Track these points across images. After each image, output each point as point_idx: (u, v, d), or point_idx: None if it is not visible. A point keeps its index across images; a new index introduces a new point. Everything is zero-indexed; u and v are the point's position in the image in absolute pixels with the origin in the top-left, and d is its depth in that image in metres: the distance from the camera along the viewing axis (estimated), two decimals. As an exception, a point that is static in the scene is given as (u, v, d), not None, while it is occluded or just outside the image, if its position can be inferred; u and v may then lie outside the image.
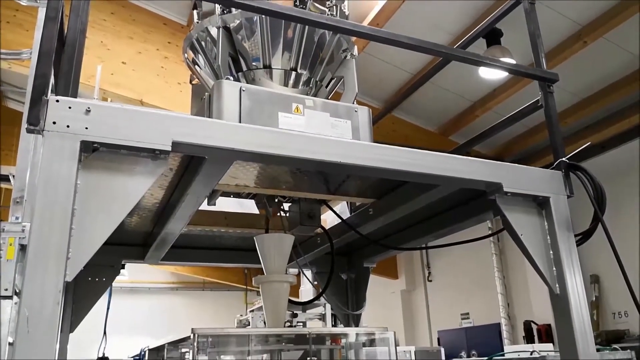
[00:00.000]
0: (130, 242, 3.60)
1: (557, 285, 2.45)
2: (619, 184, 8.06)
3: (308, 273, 4.10)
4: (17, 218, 2.53)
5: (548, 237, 2.53)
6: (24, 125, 1.89)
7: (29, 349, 1.50)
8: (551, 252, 2.50)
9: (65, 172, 1.68)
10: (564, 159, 2.67)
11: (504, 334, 10.25)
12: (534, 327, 9.22)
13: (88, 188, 1.73)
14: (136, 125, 1.83)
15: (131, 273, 14.60)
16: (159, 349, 3.36)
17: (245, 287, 15.39)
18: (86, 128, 1.74)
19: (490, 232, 10.98)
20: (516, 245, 2.57)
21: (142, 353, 3.59)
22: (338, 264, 4.10)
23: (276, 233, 3.01)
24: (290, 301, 3.04)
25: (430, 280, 13.23)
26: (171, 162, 2.32)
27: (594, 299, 8.80)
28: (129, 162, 1.82)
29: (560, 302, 2.44)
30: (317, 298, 3.77)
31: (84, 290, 3.35)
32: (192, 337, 2.33)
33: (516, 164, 2.62)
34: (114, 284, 4.06)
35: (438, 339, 11.97)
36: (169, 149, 1.85)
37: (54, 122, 1.71)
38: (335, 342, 2.94)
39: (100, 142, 1.76)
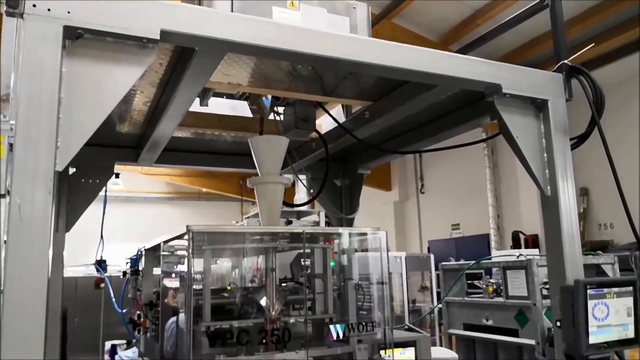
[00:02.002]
0: (122, 144, 3.57)
1: (548, 187, 2.46)
2: (618, 97, 8.00)
3: (303, 180, 4.11)
4: (4, 116, 2.48)
5: (544, 140, 2.51)
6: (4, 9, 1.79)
7: (22, 238, 1.51)
8: (545, 155, 2.50)
9: (49, 59, 1.61)
10: (566, 61, 2.60)
11: (493, 244, 10.60)
12: (522, 237, 9.50)
13: (74, 76, 1.67)
14: (122, 11, 1.74)
15: (126, 182, 14.74)
16: (155, 249, 3.43)
17: (241, 197, 15.63)
18: (68, 12, 1.65)
19: (485, 145, 11.04)
20: (511, 148, 2.56)
21: (139, 253, 3.67)
22: (332, 170, 4.12)
23: (271, 135, 2.98)
24: (284, 203, 3.07)
25: (423, 192, 13.46)
26: (161, 56, 2.24)
27: (582, 210, 9.02)
28: (115, 50, 1.74)
29: (550, 203, 2.47)
30: (311, 200, 3.81)
31: (78, 191, 3.36)
32: (187, 234, 2.36)
33: (516, 65, 2.55)
34: (109, 193, 4.09)
35: (428, 248, 12.37)
36: (158, 37, 1.77)
37: (34, 5, 1.61)
38: (329, 242, 3.00)
39: (84, 28, 1.68)
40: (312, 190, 4.19)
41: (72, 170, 3.41)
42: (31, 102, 1.58)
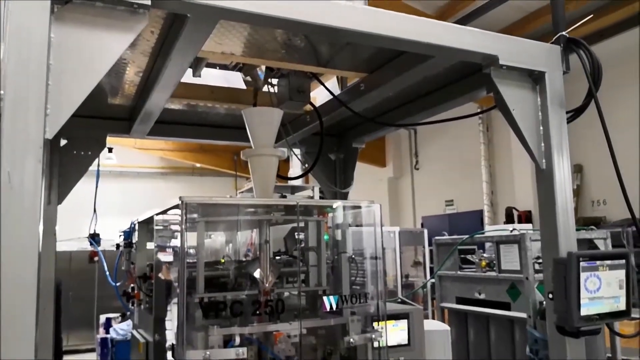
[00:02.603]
0: (114, 116, 3.53)
1: (543, 160, 2.45)
2: (615, 74, 7.97)
3: (297, 154, 4.09)
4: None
5: (540, 113, 2.49)
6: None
7: (12, 207, 1.49)
8: (541, 128, 2.48)
9: (38, 24, 1.58)
10: (564, 33, 2.57)
11: (486, 220, 10.66)
12: (515, 213, 9.56)
13: (63, 42, 1.63)
14: (112, -25, 1.69)
15: (120, 157, 14.65)
16: (149, 221, 3.41)
17: (235, 173, 15.59)
18: (56, -25, 1.60)
19: (480, 121, 11.01)
20: (507, 122, 2.54)
21: (132, 226, 3.65)
22: (327, 144, 4.09)
23: (265, 107, 2.94)
24: (278, 176, 3.05)
25: (417, 168, 13.47)
26: (153, 24, 2.19)
27: (575, 187, 9.06)
28: (105, 16, 1.70)
29: (545, 177, 2.46)
30: (306, 174, 3.80)
31: (69, 163, 3.34)
32: (180, 205, 2.34)
33: (514, 36, 2.51)
34: (102, 167, 4.05)
35: (422, 224, 12.43)
36: (149, 2, 1.72)
37: (20, -33, 1.56)
38: (323, 215, 2.99)
39: (73, -8, 1.63)
40: (306, 165, 4.17)
41: (63, 142, 3.38)
42: (19, 69, 1.55)
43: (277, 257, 3.04)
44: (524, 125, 2.45)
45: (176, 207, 2.43)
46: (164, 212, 2.75)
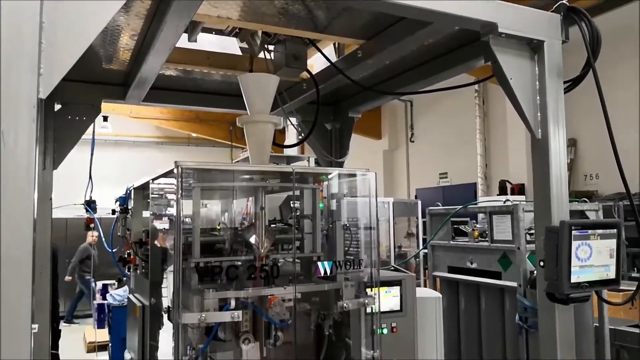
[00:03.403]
0: (110, 82, 3.50)
1: (539, 130, 2.46)
2: (612, 51, 7.92)
3: (294, 122, 4.07)
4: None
5: (537, 83, 2.48)
6: None
7: (7, 167, 1.48)
8: (538, 97, 2.47)
9: (30, -19, 1.54)
10: (564, 1, 2.54)
11: (479, 193, 10.72)
12: (509, 186, 9.60)
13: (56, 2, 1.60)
14: None
15: (115, 126, 14.56)
16: (144, 187, 3.42)
17: (230, 143, 15.53)
18: None
19: (476, 94, 10.97)
20: (504, 91, 2.53)
21: (128, 192, 3.66)
22: (323, 113, 4.08)
23: (261, 73, 2.92)
24: (274, 144, 3.05)
25: (413, 141, 13.46)
26: (147, -15, 2.15)
27: (569, 161, 9.09)
28: (99, -27, 1.67)
29: (540, 147, 2.47)
30: (302, 142, 3.79)
31: (64, 128, 3.32)
32: (175, 170, 2.34)
33: (514, 4, 2.48)
34: (97, 136, 4.03)
35: (415, 196, 12.48)
36: (143, -39, 1.69)
37: None
38: (318, 183, 3.01)
39: (66, -51, 1.59)
40: (302, 135, 4.16)
41: (57, 107, 3.36)
42: (12, 27, 1.52)
43: (273, 226, 3.06)
44: (521, 94, 2.44)
45: (171, 172, 2.43)
46: (160, 177, 2.75)
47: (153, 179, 2.91)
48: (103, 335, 7.68)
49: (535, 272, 3.47)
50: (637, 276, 7.78)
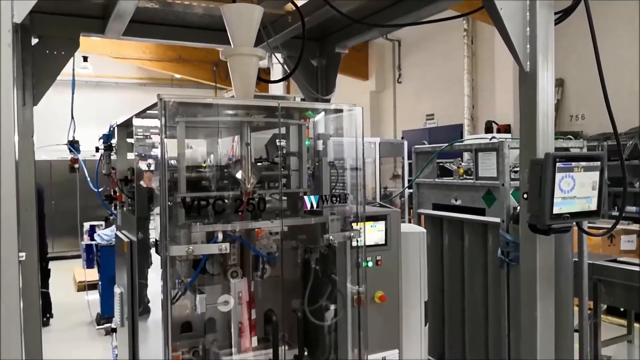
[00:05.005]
0: (88, 14, 3.38)
1: (528, 63, 2.43)
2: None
3: (279, 58, 3.98)
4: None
5: (527, 14, 2.44)
6: None
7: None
8: (528, 29, 2.44)
9: None
10: None
11: (465, 134, 10.75)
12: (495, 126, 9.63)
13: None
14: None
15: (96, 67, 14.18)
16: (128, 124, 3.36)
17: (214, 84, 15.26)
18: None
19: (465, 34, 10.80)
20: (493, 23, 2.49)
21: (111, 129, 3.59)
22: (309, 49, 3.99)
23: (244, 3, 2.82)
24: (259, 78, 2.99)
25: (400, 82, 13.33)
26: None
27: (556, 101, 9.10)
28: None
29: (528, 80, 2.46)
30: (287, 77, 3.72)
31: (43, 63, 3.24)
32: (158, 103, 2.29)
33: None
34: (78, 77, 3.92)
35: (402, 137, 12.48)
36: None
37: None
38: (304, 120, 2.98)
39: None
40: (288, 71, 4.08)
41: (35, 41, 3.25)
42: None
43: (259, 164, 3.05)
44: (511, 25, 2.41)
45: (155, 106, 2.38)
46: (143, 111, 2.70)
47: (137, 114, 2.86)
48: (92, 274, 7.78)
49: (518, 208, 3.54)
50: (616, 214, 7.98)
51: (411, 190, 5.30)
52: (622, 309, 5.54)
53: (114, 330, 4.02)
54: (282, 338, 2.66)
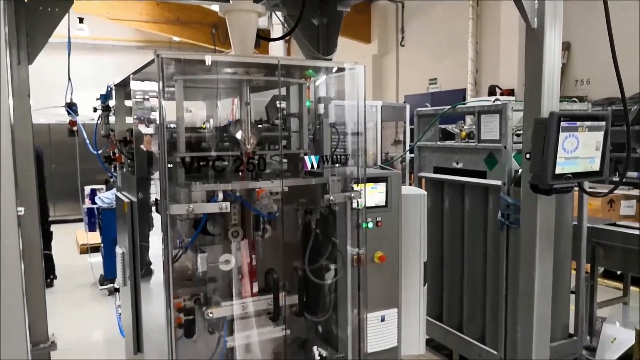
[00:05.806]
0: (82, -31, 3.28)
1: (535, 19, 2.37)
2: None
3: (279, 16, 3.89)
4: None
5: (536, -32, 2.36)
6: None
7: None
8: (536, -16, 2.36)
9: None
10: None
11: (469, 99, 10.63)
12: (498, 91, 9.51)
13: None
14: None
15: (92, 29, 13.94)
16: (126, 84, 3.31)
17: (213, 47, 15.01)
18: None
19: (471, 6, 10.57)
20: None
21: (109, 89, 3.54)
22: (310, 7, 3.90)
23: (243, -43, 2.73)
24: (258, 36, 2.92)
25: (403, 45, 13.12)
26: None
27: (562, 65, 8.97)
28: None
29: (535, 37, 2.40)
30: (287, 35, 3.65)
31: (37, 21, 3.18)
32: (156, 60, 2.24)
33: None
34: (74, 39, 3.84)
35: (404, 102, 12.37)
36: None
37: None
38: (305, 79, 2.93)
39: None
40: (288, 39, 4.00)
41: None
42: None
43: (259, 126, 3.01)
44: (519, -20, 2.33)
45: (152, 63, 2.33)
46: (141, 69, 2.65)
47: (134, 73, 2.81)
48: (95, 237, 7.83)
49: (519, 170, 3.51)
50: (617, 180, 7.97)
51: (412, 155, 5.26)
52: (618, 273, 5.58)
53: (116, 290, 4.05)
54: (282, 286, 2.66)
